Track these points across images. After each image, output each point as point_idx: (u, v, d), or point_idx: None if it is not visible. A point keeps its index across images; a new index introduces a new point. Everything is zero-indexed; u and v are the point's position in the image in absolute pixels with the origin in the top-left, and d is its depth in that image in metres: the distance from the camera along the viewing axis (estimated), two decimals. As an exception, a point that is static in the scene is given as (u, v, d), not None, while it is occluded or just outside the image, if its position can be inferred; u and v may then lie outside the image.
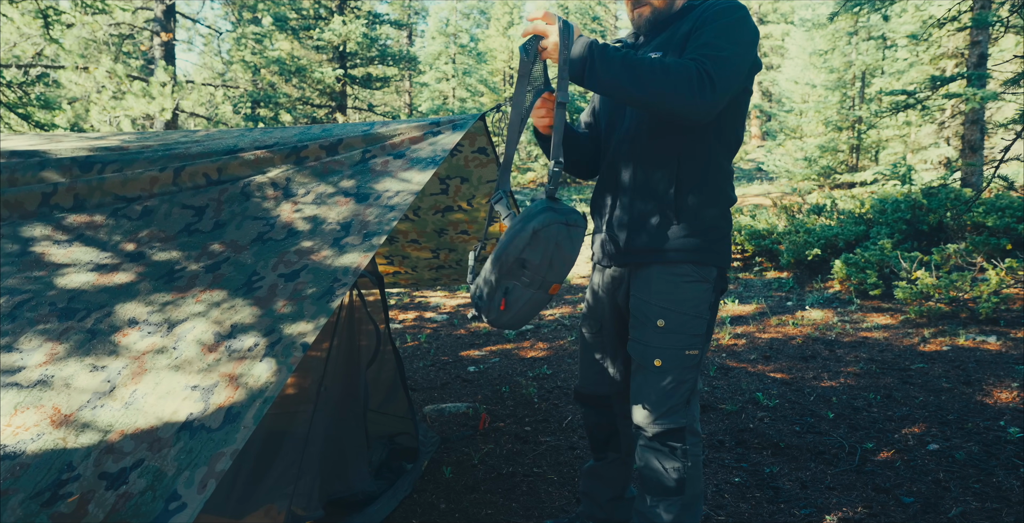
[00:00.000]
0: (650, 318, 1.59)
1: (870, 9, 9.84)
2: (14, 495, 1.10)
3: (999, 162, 5.10)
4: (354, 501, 2.24)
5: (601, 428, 1.91)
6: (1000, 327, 4.61)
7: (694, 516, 1.69)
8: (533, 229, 1.32)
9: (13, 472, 1.13)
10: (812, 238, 7.01)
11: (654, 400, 1.59)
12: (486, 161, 2.74)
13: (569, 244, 1.36)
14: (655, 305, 1.59)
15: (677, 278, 1.58)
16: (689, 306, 1.58)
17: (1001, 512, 2.15)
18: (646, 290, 1.61)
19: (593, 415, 1.93)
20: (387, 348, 2.69)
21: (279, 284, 1.43)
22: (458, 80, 25.31)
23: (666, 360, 1.58)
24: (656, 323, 1.58)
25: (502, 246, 1.34)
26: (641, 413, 1.62)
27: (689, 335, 1.58)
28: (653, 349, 1.58)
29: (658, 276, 1.60)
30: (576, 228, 1.36)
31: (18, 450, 1.16)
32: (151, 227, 1.64)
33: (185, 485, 1.08)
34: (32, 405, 1.24)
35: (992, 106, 12.60)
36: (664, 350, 1.58)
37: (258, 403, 1.17)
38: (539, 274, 1.36)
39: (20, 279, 1.51)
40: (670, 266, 1.59)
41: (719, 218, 1.62)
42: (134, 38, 16.30)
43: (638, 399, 1.63)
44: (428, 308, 6.59)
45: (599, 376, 1.87)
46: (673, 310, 1.57)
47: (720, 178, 1.63)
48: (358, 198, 1.63)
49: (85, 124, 10.12)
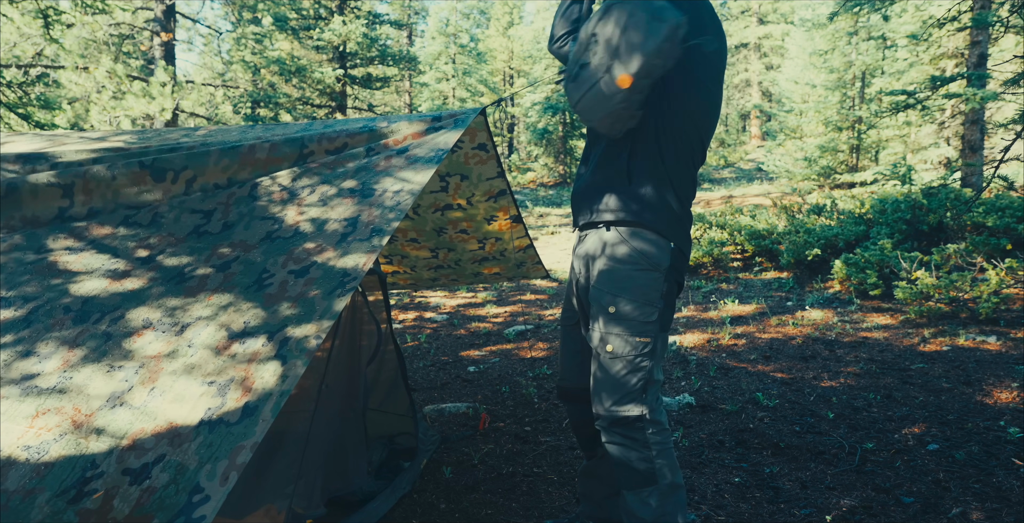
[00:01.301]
0: (603, 305, 1.63)
1: (870, 9, 9.84)
2: (40, 494, 1.13)
3: (999, 162, 5.10)
4: (353, 500, 2.24)
5: (586, 425, 1.89)
6: (1000, 327, 4.61)
7: (676, 505, 1.65)
8: (608, 3, 1.38)
9: (38, 471, 1.16)
10: (812, 238, 7.01)
11: (608, 387, 1.62)
12: (486, 157, 2.74)
13: (639, 30, 1.35)
14: (607, 292, 1.63)
15: (629, 266, 1.62)
16: (640, 293, 1.61)
17: (1001, 512, 2.15)
18: (600, 278, 1.65)
19: (577, 412, 1.91)
20: (389, 347, 2.69)
21: (289, 280, 1.45)
22: (458, 80, 25.31)
23: (617, 346, 1.60)
24: (608, 309, 1.61)
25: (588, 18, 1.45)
26: (596, 400, 1.65)
27: (640, 322, 1.60)
28: (604, 335, 1.62)
29: (610, 260, 1.64)
30: (658, 21, 1.33)
31: (42, 450, 1.19)
32: (161, 232, 1.66)
33: (208, 478, 1.10)
34: (53, 407, 1.26)
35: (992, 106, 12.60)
36: (615, 336, 1.60)
37: (275, 397, 1.20)
38: (604, 53, 1.39)
39: (35, 286, 1.53)
40: (620, 232, 1.63)
41: (669, 198, 1.65)
42: (134, 38, 16.30)
43: (594, 387, 1.66)
44: (428, 308, 6.59)
45: (579, 369, 1.86)
46: (624, 297, 1.60)
47: (669, 171, 1.66)
48: (362, 196, 1.65)
49: (85, 124, 10.12)
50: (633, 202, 1.63)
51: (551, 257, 9.72)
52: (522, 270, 3.77)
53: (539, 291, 7.39)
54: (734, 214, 9.81)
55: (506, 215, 3.13)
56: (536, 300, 6.83)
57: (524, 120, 25.78)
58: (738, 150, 27.32)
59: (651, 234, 1.63)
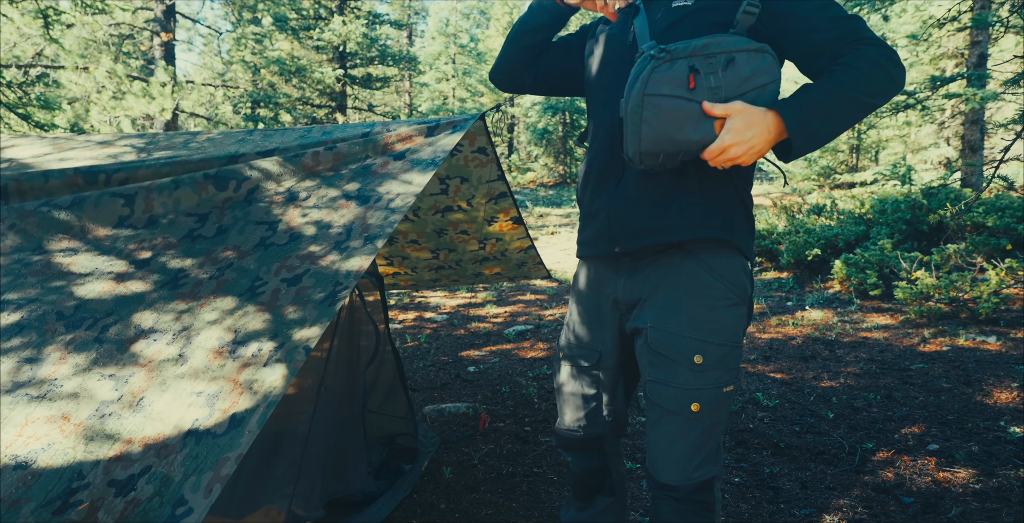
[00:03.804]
0: (684, 354, 1.31)
1: (870, 9, 9.84)
2: (26, 504, 1.12)
3: (999, 162, 5.10)
4: (353, 501, 2.24)
5: (594, 473, 1.60)
6: (1000, 327, 4.61)
7: None
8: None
9: (25, 481, 1.15)
10: (812, 238, 7.01)
11: (689, 451, 1.31)
12: (486, 161, 2.74)
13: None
14: (690, 338, 1.31)
15: (718, 302, 1.33)
16: (729, 334, 1.33)
17: (1001, 512, 2.15)
18: (677, 320, 1.32)
19: (583, 460, 1.59)
20: (387, 348, 2.69)
21: (282, 289, 1.43)
22: (458, 80, 25.32)
23: (704, 403, 1.30)
24: (693, 360, 1.30)
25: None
26: (672, 469, 1.33)
27: (728, 370, 1.33)
28: (687, 392, 1.31)
29: (692, 296, 1.33)
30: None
31: (30, 460, 1.18)
32: (156, 235, 1.65)
33: (192, 490, 1.09)
34: (42, 415, 1.25)
35: (992, 106, 12.61)
36: (702, 391, 1.30)
37: (262, 408, 1.19)
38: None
39: (26, 289, 1.52)
40: (694, 256, 1.34)
41: (740, 204, 1.38)
42: (134, 38, 16.30)
43: (668, 452, 1.33)
44: (428, 308, 6.59)
45: (593, 415, 1.54)
46: (713, 342, 1.31)
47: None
48: (360, 201, 1.64)
49: (85, 124, 10.12)
50: (711, 215, 1.33)
51: (551, 257, 9.73)
52: (523, 270, 3.77)
53: (539, 291, 7.39)
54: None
55: (507, 216, 3.14)
56: (536, 300, 6.83)
57: (524, 120, 25.79)
58: (738, 150, 27.25)
59: (737, 256, 1.36)
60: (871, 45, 1.21)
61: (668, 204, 1.33)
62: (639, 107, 1.19)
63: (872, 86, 1.20)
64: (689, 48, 1.19)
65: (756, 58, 1.21)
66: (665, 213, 1.34)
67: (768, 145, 1.20)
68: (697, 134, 1.19)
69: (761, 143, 1.19)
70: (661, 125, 1.19)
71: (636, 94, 1.19)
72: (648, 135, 1.20)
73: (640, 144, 1.22)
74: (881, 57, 1.20)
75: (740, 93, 1.20)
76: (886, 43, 1.21)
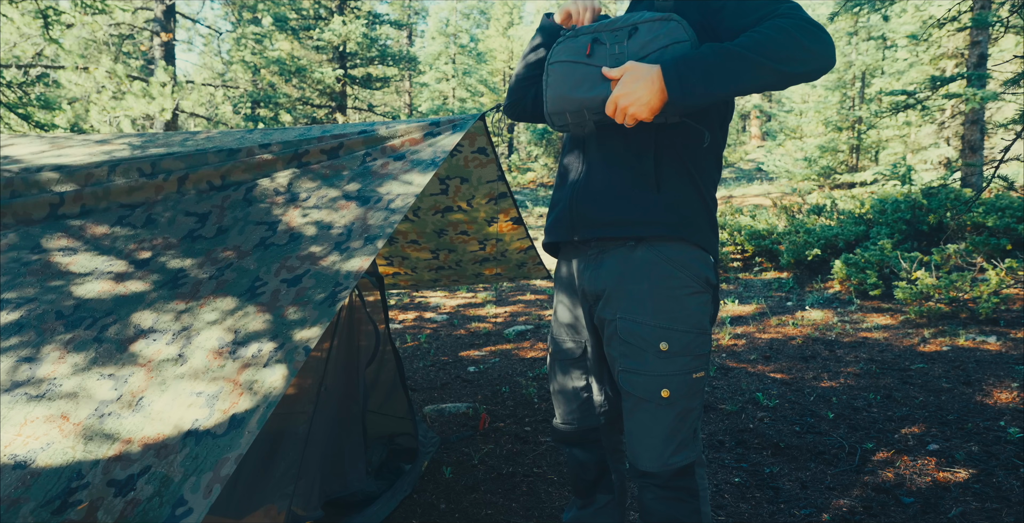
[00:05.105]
0: (649, 342, 1.35)
1: (870, 9, 9.84)
2: (25, 504, 1.12)
3: (999, 162, 5.10)
4: (353, 501, 2.24)
5: (590, 468, 1.61)
6: (1000, 327, 4.61)
7: None
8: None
9: (24, 481, 1.15)
10: (812, 238, 7.01)
11: (663, 437, 1.35)
12: (486, 161, 2.74)
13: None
14: (653, 326, 1.35)
15: (679, 291, 1.36)
16: (694, 321, 1.36)
17: (1001, 512, 2.15)
18: (640, 308, 1.36)
19: (580, 454, 1.60)
20: (387, 348, 2.69)
21: (282, 289, 1.43)
22: (458, 80, 25.32)
23: (674, 390, 1.34)
24: (658, 347, 1.34)
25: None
26: (649, 456, 1.37)
27: (696, 356, 1.36)
28: (656, 378, 1.34)
29: (653, 285, 1.37)
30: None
31: (29, 459, 1.18)
32: (155, 234, 1.64)
33: (191, 490, 1.09)
34: (42, 414, 1.25)
35: (992, 106, 12.61)
36: (671, 378, 1.34)
37: (262, 408, 1.18)
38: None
39: (26, 288, 1.51)
40: (654, 247, 1.37)
41: (701, 201, 1.42)
42: (134, 38, 16.30)
43: (643, 439, 1.37)
44: (428, 308, 6.59)
45: (585, 407, 1.57)
46: (677, 329, 1.35)
47: (704, 164, 1.44)
48: (360, 201, 1.64)
49: (85, 124, 10.11)
50: (668, 213, 1.37)
51: (551, 257, 9.73)
52: (523, 271, 3.77)
53: (539, 291, 7.39)
54: (734, 214, 9.81)
55: (507, 217, 3.14)
56: (536, 300, 6.83)
57: (524, 120, 25.71)
58: (738, 150, 27.32)
59: (694, 249, 1.39)
60: (784, 17, 1.24)
61: (626, 198, 1.39)
62: (546, 75, 1.39)
63: (775, 50, 1.21)
64: (595, 26, 1.37)
65: (659, 25, 1.30)
66: (622, 207, 1.39)
67: (656, 97, 1.24)
68: (592, 93, 1.32)
69: (646, 94, 1.23)
70: (559, 86, 1.35)
71: (544, 65, 1.39)
72: (550, 96, 1.37)
73: (547, 105, 1.38)
74: (791, 26, 1.22)
75: (641, 56, 1.29)
76: (808, 18, 1.24)
